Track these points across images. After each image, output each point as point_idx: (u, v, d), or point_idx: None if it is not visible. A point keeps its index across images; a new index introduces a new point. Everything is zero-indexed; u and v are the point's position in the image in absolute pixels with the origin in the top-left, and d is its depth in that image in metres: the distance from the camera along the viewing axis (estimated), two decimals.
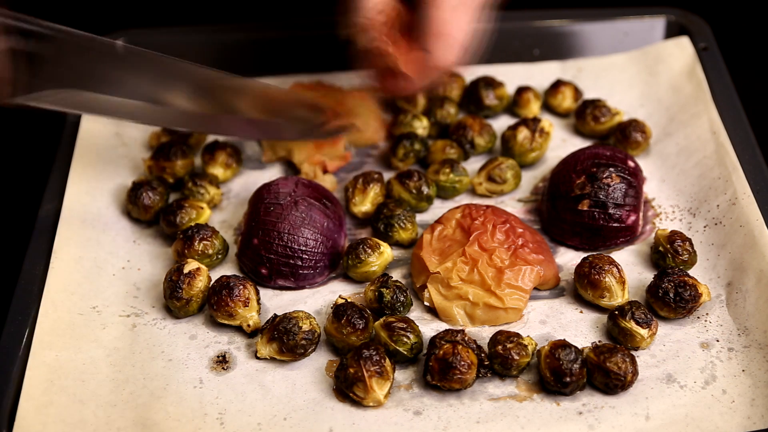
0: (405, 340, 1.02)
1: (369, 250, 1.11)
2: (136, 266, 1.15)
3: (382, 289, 1.06)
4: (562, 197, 1.15)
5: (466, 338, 1.01)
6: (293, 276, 1.11)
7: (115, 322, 1.07)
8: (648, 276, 1.11)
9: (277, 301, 1.11)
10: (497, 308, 1.06)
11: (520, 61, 1.43)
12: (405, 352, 1.02)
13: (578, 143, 1.30)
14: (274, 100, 1.07)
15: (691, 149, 1.24)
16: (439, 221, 1.14)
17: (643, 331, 1.02)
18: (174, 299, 1.07)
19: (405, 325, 1.02)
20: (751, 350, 1.02)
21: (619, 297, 1.06)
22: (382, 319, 1.04)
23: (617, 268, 1.07)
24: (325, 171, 1.26)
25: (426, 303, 1.09)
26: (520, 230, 1.11)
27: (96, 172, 1.22)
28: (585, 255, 1.10)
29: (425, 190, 1.20)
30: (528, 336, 1.03)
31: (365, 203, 1.19)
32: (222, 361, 1.04)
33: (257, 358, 1.04)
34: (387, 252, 1.12)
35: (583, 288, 1.07)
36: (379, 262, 1.11)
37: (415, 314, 1.09)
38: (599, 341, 1.03)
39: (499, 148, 1.30)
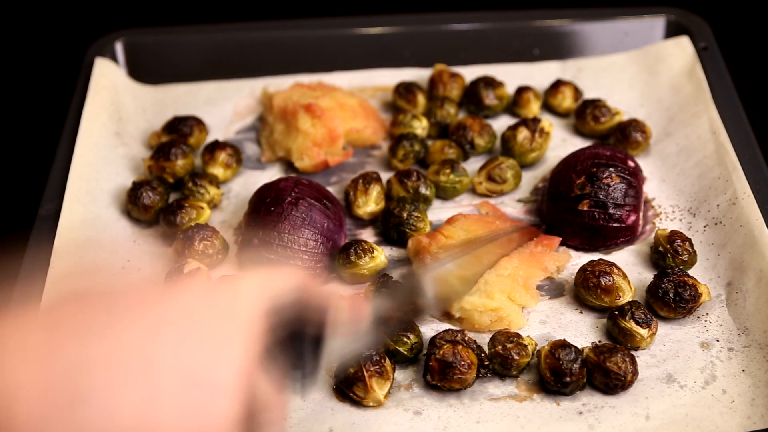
0: (405, 340, 1.02)
1: (360, 253, 1.10)
2: (136, 266, 1.14)
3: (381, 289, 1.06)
4: (562, 197, 1.15)
5: (466, 338, 1.01)
6: None
7: None
8: (648, 276, 1.11)
9: None
10: (500, 314, 1.06)
11: (520, 61, 1.43)
12: (405, 352, 1.02)
13: (578, 143, 1.30)
14: None
15: (691, 149, 1.24)
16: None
17: (643, 331, 1.02)
18: None
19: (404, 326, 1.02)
20: (751, 350, 1.02)
21: (629, 292, 1.07)
22: None
23: (615, 266, 1.08)
24: (326, 166, 1.26)
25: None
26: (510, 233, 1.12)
27: (96, 172, 1.22)
28: (583, 264, 1.10)
29: (423, 190, 1.19)
30: (528, 336, 1.03)
31: (369, 204, 1.19)
32: None
33: None
34: (380, 259, 1.11)
35: (598, 298, 1.06)
36: (370, 266, 1.10)
37: None
38: (599, 341, 1.03)
39: (499, 148, 1.30)
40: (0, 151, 1.48)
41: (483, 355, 1.01)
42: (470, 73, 1.39)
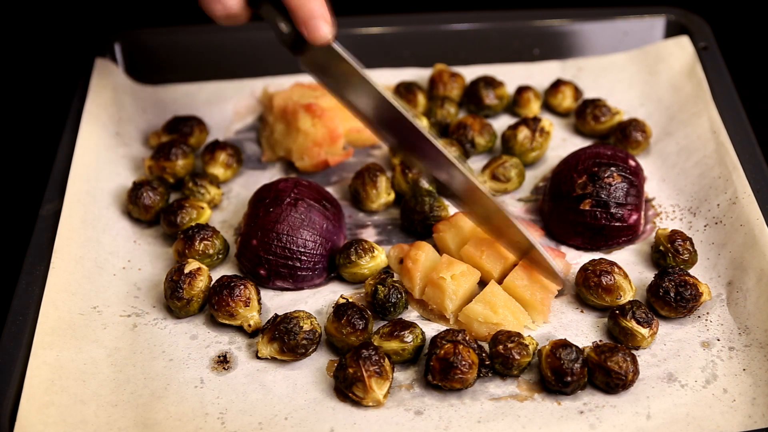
0: (406, 340, 1.02)
1: (361, 252, 1.10)
2: (136, 266, 1.15)
3: (378, 286, 1.07)
4: (564, 197, 1.15)
5: (467, 338, 1.01)
6: (292, 277, 1.11)
7: (115, 322, 1.07)
8: (649, 275, 1.11)
9: (278, 301, 1.11)
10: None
11: (520, 60, 1.44)
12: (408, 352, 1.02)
13: (578, 143, 1.31)
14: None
15: (691, 148, 1.24)
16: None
17: (644, 331, 1.02)
18: (175, 299, 1.06)
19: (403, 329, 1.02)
20: (751, 349, 1.02)
21: (630, 291, 1.07)
22: (380, 330, 1.03)
23: (616, 266, 1.08)
24: (326, 166, 1.26)
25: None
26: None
27: (96, 172, 1.22)
28: (584, 262, 1.10)
29: (424, 183, 1.20)
30: (529, 335, 1.03)
31: (381, 196, 1.20)
32: (223, 361, 1.04)
33: (258, 358, 1.04)
34: (380, 258, 1.11)
35: (599, 297, 1.06)
36: (371, 265, 1.11)
37: (415, 314, 1.09)
38: (600, 341, 1.03)
39: (499, 147, 1.30)
40: (0, 152, 1.48)
41: (484, 354, 1.01)
42: (470, 72, 1.39)
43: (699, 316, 1.07)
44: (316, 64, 1.10)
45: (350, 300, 1.05)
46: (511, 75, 1.40)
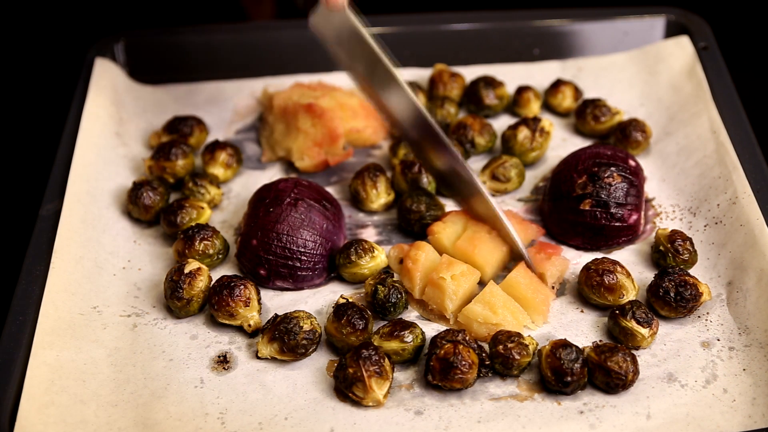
0: (406, 340, 1.02)
1: (361, 252, 1.10)
2: (136, 266, 1.15)
3: (378, 286, 1.07)
4: (564, 197, 1.15)
5: (467, 338, 1.01)
6: (291, 277, 1.11)
7: (115, 322, 1.07)
8: (649, 275, 1.11)
9: (278, 301, 1.11)
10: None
11: (520, 60, 1.44)
12: (408, 352, 1.02)
13: (578, 143, 1.31)
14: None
15: (691, 148, 1.24)
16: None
17: (644, 331, 1.02)
18: (175, 299, 1.06)
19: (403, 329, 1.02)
20: (751, 349, 1.02)
21: (632, 290, 1.07)
22: (380, 330, 1.04)
23: (619, 265, 1.08)
24: (326, 166, 1.26)
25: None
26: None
27: (96, 172, 1.22)
28: (586, 261, 1.10)
29: (423, 181, 1.20)
30: (529, 335, 1.03)
31: (381, 196, 1.20)
32: (223, 361, 1.04)
33: (258, 358, 1.04)
34: (380, 258, 1.12)
35: (601, 296, 1.07)
36: (371, 266, 1.11)
37: (415, 314, 1.09)
38: (600, 341, 1.03)
39: (499, 147, 1.30)
40: (0, 152, 1.48)
41: (484, 354, 1.01)
42: (470, 73, 1.39)
43: (699, 316, 1.07)
44: (329, 27, 1.11)
45: (350, 300, 1.05)
46: (511, 75, 1.40)
